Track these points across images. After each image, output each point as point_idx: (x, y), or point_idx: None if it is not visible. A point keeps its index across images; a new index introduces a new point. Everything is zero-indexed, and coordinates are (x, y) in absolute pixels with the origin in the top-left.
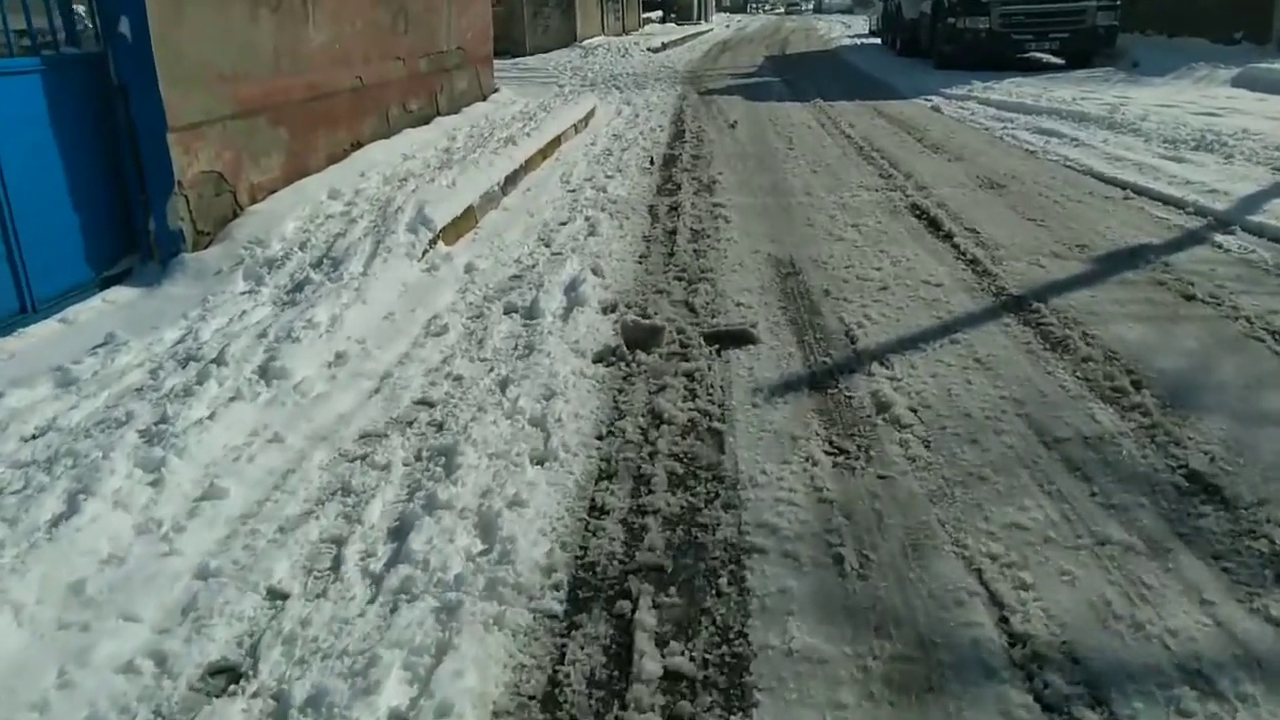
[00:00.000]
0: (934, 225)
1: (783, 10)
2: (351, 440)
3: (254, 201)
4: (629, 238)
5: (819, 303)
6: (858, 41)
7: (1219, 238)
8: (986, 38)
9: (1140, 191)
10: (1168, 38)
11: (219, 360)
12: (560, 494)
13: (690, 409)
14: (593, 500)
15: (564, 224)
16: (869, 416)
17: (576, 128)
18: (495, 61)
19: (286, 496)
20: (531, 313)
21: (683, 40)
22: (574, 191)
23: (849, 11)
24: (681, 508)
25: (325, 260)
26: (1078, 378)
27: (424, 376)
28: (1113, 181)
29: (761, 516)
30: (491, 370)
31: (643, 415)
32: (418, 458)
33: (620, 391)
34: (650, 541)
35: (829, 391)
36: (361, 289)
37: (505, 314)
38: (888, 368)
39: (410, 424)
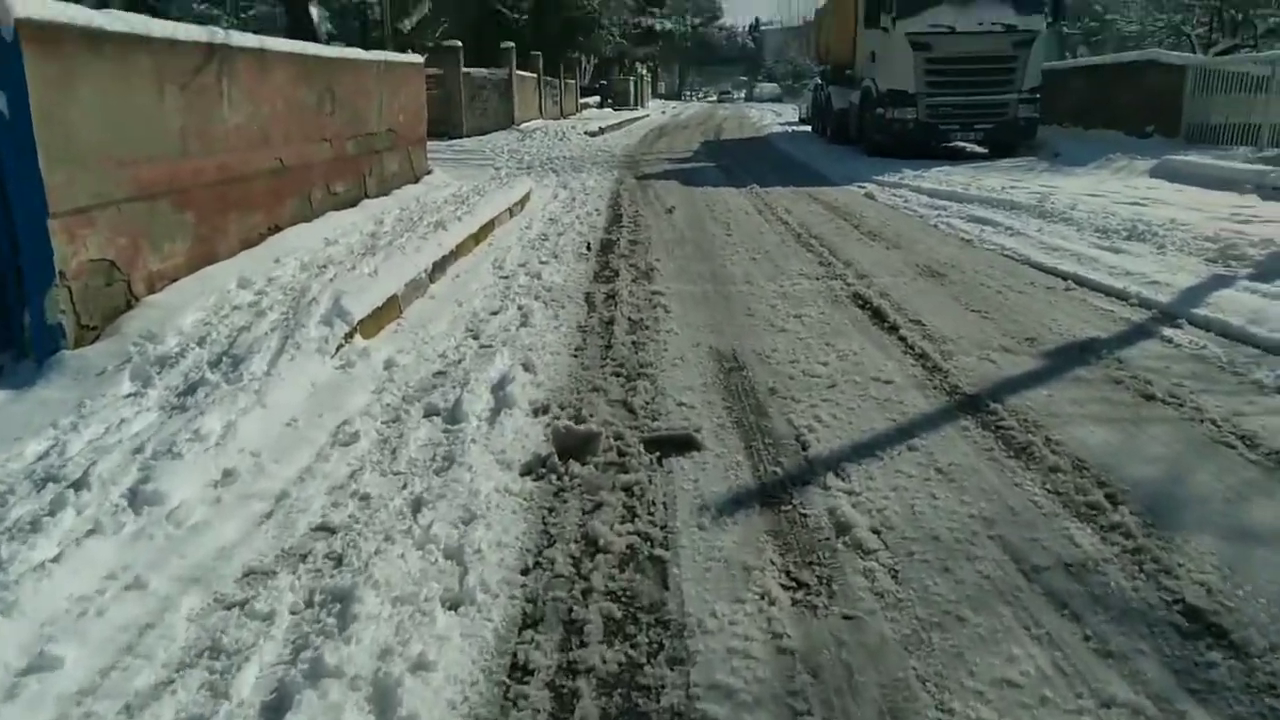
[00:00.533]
0: (878, 316)
1: (715, 98)
2: (232, 581)
3: (152, 291)
4: (564, 328)
5: (765, 402)
6: (789, 129)
7: (1167, 331)
8: (914, 128)
9: (1081, 282)
10: (1084, 129)
11: (81, 482)
12: (476, 649)
13: (629, 532)
14: (515, 657)
15: (495, 313)
16: (828, 539)
17: (511, 211)
18: (431, 143)
19: (140, 662)
20: (454, 416)
21: (619, 125)
22: (507, 278)
23: (778, 100)
24: (620, 664)
25: (225, 358)
26: (1048, 491)
27: (326, 496)
28: (1053, 272)
29: (713, 675)
30: (405, 487)
31: (575, 541)
32: (309, 603)
33: (550, 511)
34: (583, 713)
35: (782, 509)
36: (263, 391)
37: (425, 417)
38: (844, 479)
39: (304, 558)
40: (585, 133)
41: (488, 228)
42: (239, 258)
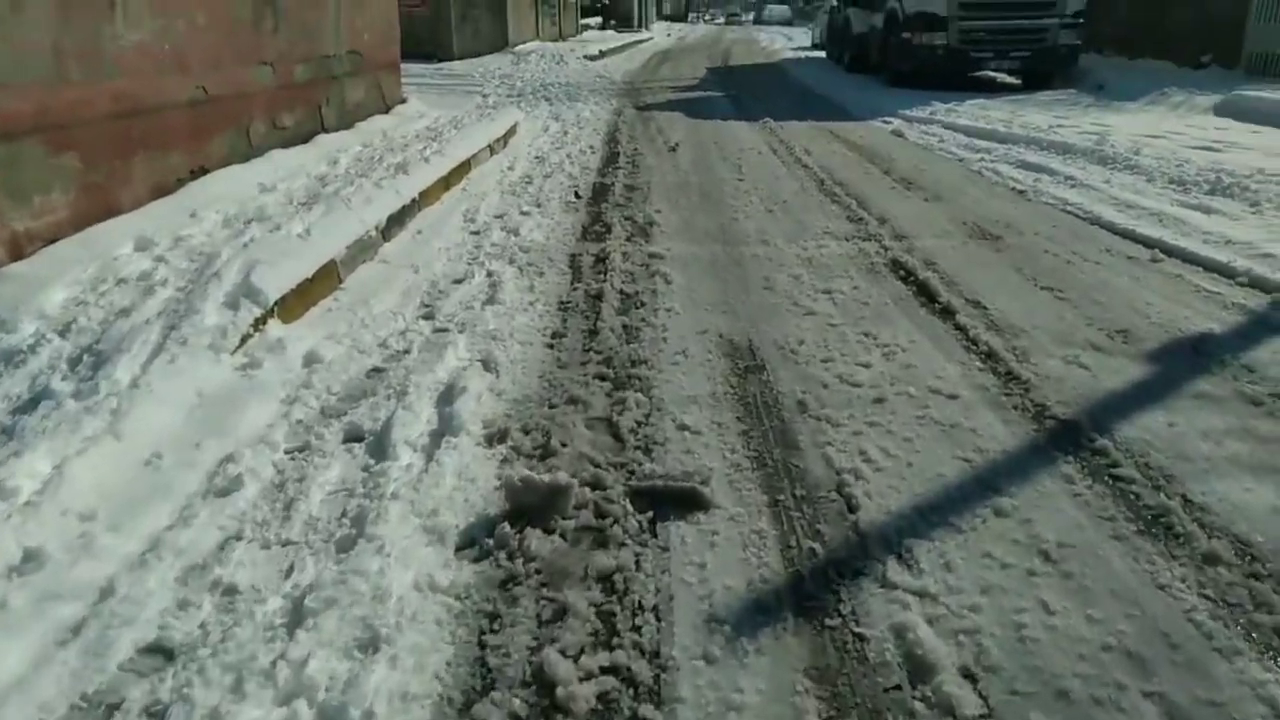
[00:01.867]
0: (926, 294)
1: (723, 20)
2: None
3: (18, 257)
4: (540, 305)
5: (794, 426)
6: (801, 55)
7: None
8: (944, 55)
9: (1171, 252)
10: (1128, 59)
11: None
12: None
13: (602, 668)
14: None
15: (458, 282)
16: (899, 692)
17: (493, 148)
18: (418, 66)
19: None
20: (381, 446)
21: (621, 48)
22: (478, 234)
23: (789, 23)
24: None
25: (88, 356)
26: (1210, 600)
27: (175, 588)
28: (1130, 236)
29: None
30: (290, 574)
31: (520, 687)
32: None
33: (491, 622)
34: None
35: (827, 624)
36: (121, 411)
37: (344, 444)
38: (911, 568)
39: (112, 712)
40: (584, 56)
41: (462, 169)
42: (145, 210)
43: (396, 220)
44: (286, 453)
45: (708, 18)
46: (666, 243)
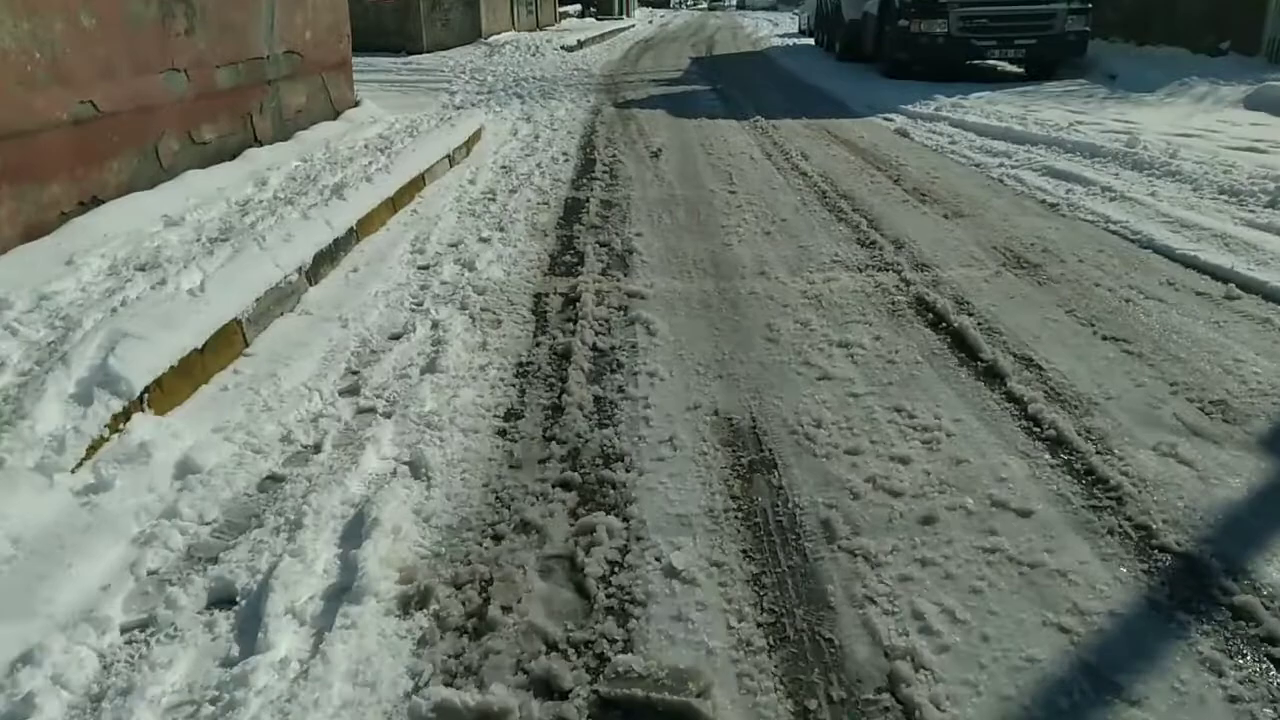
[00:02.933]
0: (964, 347)
1: (705, 6)
2: None
3: None
4: (493, 370)
5: (821, 568)
6: (789, 42)
7: None
8: (944, 43)
9: (1247, 286)
10: (1136, 45)
11: None
12: None
13: None
14: None
15: (395, 338)
16: None
17: (453, 158)
18: (384, 60)
19: None
20: (252, 620)
21: (601, 37)
22: (426, 270)
23: (773, 9)
24: None
25: None
26: None
27: None
28: (1193, 265)
29: None
30: None
31: None
32: None
33: None
34: None
35: None
36: None
37: (205, 615)
38: None
39: None
40: (562, 47)
41: (415, 186)
42: (11, 256)
43: (327, 257)
44: (123, 632)
45: (690, 3)
46: (649, 277)
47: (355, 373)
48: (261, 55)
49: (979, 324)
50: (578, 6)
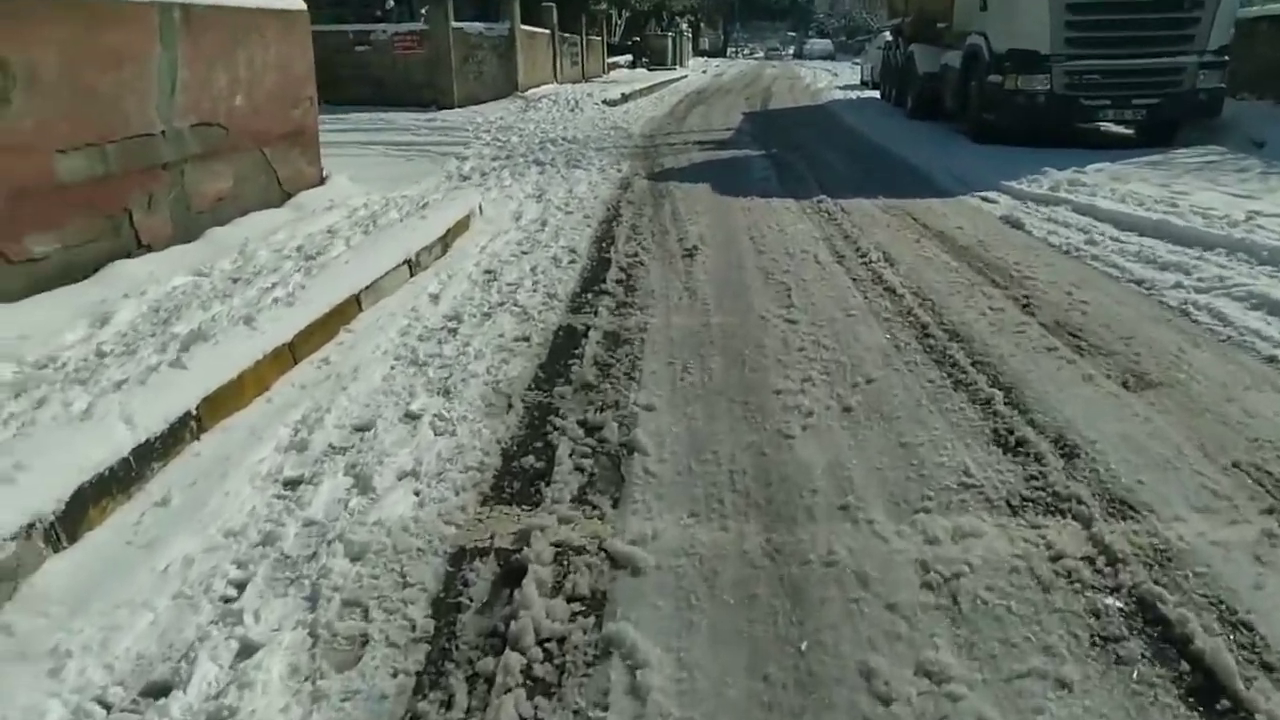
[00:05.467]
0: None
1: (762, 55)
2: None
3: None
4: None
5: None
6: (851, 95)
7: None
8: (1046, 103)
9: None
10: (1274, 104)
11: None
12: None
13: None
14: None
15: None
16: None
17: (417, 262)
18: (406, 117)
19: None
20: None
21: (649, 89)
22: (291, 491)
23: (831, 58)
24: None
25: None
26: None
27: None
28: None
29: None
30: None
31: None
32: None
33: None
34: None
35: None
36: None
37: None
38: None
39: None
40: (604, 101)
41: (341, 314)
42: None
43: (109, 486)
44: None
45: (746, 52)
46: (651, 515)
47: None
48: (151, 131)
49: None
50: (628, 57)
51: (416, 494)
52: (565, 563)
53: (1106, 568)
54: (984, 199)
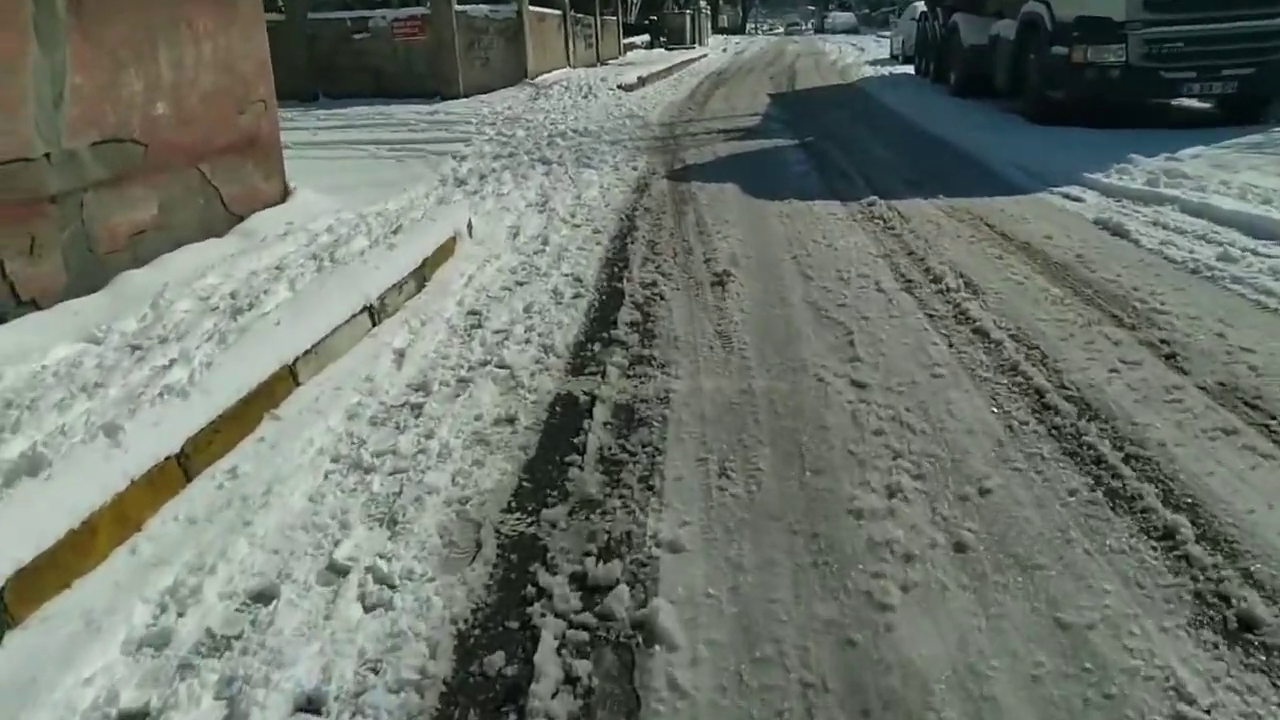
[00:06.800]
0: None
1: (782, 31)
2: None
3: None
4: None
5: None
6: (884, 71)
7: None
8: (1120, 77)
9: None
10: None
11: None
12: None
13: None
14: None
15: None
16: None
17: (380, 308)
18: (406, 110)
19: None
20: None
21: (668, 71)
22: None
23: (855, 31)
24: None
25: None
26: None
27: None
28: None
29: None
30: None
31: None
32: None
33: None
34: None
35: None
36: None
37: None
38: None
39: None
40: (618, 86)
41: (265, 396)
42: None
43: None
44: None
45: (766, 28)
46: None
47: None
48: (27, 155)
49: None
50: (645, 37)
51: None
52: None
53: None
54: (1066, 196)
